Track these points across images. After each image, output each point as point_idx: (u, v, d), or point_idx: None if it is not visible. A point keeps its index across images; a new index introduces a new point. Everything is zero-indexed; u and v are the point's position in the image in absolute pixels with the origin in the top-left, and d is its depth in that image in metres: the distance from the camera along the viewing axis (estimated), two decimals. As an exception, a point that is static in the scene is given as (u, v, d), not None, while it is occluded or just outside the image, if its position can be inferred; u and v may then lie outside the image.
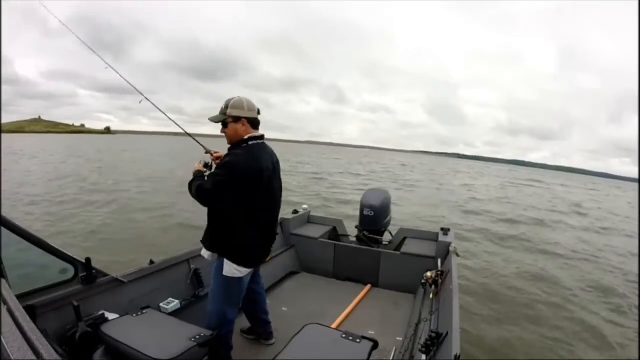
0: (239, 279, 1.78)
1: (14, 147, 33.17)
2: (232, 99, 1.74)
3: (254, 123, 1.77)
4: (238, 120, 1.72)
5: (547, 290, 4.85)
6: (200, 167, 1.83)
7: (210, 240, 1.79)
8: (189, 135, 2.25)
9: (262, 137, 1.80)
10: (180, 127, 2.23)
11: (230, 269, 1.74)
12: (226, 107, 1.73)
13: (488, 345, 3.28)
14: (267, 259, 2.00)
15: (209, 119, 1.79)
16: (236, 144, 1.74)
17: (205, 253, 1.83)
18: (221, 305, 1.80)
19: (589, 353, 3.41)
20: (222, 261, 1.74)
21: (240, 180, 1.63)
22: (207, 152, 1.95)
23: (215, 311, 1.81)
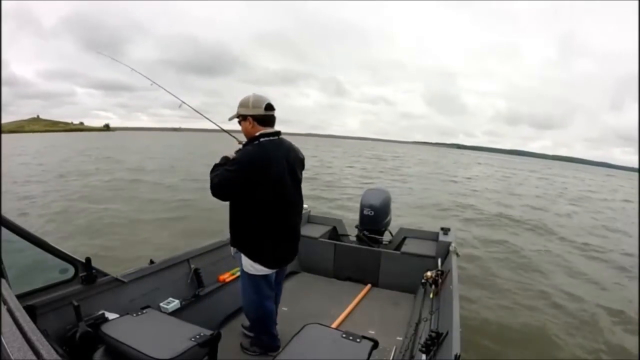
0: (262, 276, 1.84)
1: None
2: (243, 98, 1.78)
3: (262, 120, 1.75)
4: (245, 119, 1.75)
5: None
6: (230, 154, 1.80)
7: (231, 235, 1.86)
8: (225, 131, 2.19)
9: (276, 133, 1.80)
10: (216, 124, 2.25)
11: (247, 265, 1.82)
12: (238, 106, 1.78)
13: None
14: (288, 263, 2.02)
15: (228, 119, 1.84)
16: (248, 141, 1.79)
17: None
18: (252, 297, 1.90)
19: (586, 350, 3.42)
20: (241, 256, 1.82)
21: (247, 174, 1.67)
22: (240, 142, 1.92)
23: (247, 303, 1.94)
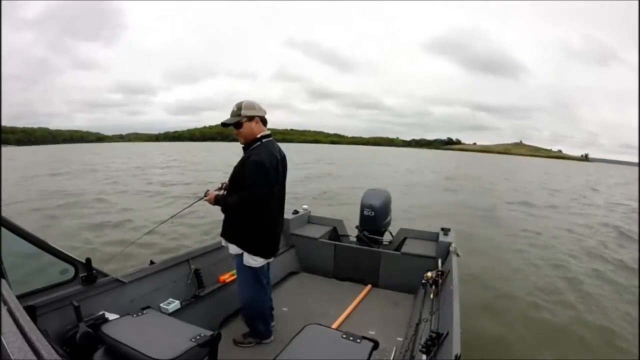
0: (260, 267, 1.99)
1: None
2: (242, 102, 1.91)
3: (264, 121, 1.96)
4: (252, 119, 1.89)
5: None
6: (214, 194, 1.98)
7: (231, 233, 1.97)
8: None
9: (271, 134, 1.98)
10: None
11: (248, 259, 1.94)
12: (239, 108, 1.89)
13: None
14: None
15: (222, 123, 1.94)
16: (251, 142, 1.92)
17: (226, 244, 2.04)
18: (254, 289, 2.03)
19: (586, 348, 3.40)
20: (243, 253, 1.94)
21: (267, 174, 1.83)
22: (211, 191, 2.04)
23: (249, 296, 2.04)
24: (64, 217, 7.97)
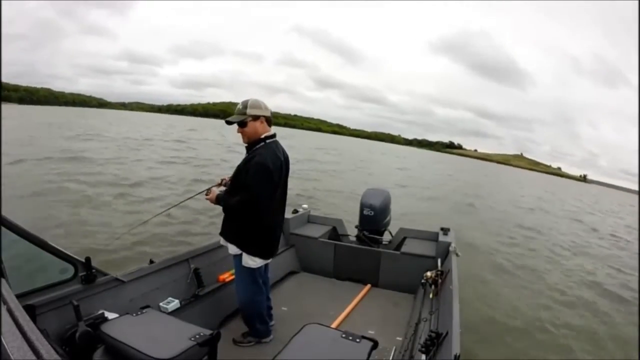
0: (258, 268, 2.00)
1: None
2: (248, 100, 1.88)
3: (270, 121, 1.93)
4: (257, 119, 1.86)
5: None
6: (215, 193, 1.95)
7: (233, 234, 1.97)
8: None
9: (274, 135, 1.95)
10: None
11: (247, 260, 1.94)
12: (244, 107, 1.86)
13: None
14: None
15: (226, 121, 1.91)
16: (254, 142, 1.89)
17: (225, 244, 2.05)
18: (252, 290, 2.03)
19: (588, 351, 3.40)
20: (242, 254, 1.94)
21: (271, 177, 1.82)
22: (213, 188, 2.03)
23: (248, 297, 2.04)
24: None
